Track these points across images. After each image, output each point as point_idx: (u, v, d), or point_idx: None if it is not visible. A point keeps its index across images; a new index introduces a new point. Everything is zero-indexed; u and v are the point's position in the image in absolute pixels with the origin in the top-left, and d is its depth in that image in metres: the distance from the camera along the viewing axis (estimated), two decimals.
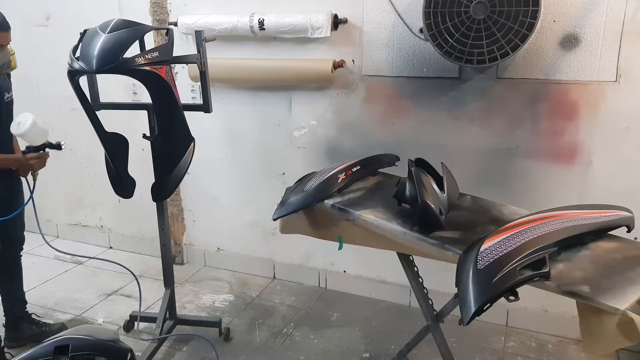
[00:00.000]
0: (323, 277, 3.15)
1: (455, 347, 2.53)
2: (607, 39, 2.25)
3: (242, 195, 3.22)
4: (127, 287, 3.19)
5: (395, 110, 2.70)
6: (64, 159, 3.68)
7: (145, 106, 2.30)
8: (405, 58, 2.59)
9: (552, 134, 2.44)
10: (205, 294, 3.13)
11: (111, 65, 1.90)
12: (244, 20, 2.72)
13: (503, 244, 1.46)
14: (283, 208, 2.00)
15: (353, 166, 2.12)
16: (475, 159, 2.58)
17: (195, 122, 2.33)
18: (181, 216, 3.45)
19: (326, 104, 2.83)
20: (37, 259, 3.50)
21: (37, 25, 3.45)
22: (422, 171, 1.82)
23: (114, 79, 2.10)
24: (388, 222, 1.79)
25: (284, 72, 2.79)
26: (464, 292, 1.42)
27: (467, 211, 1.92)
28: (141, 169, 2.41)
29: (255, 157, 3.10)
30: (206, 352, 2.55)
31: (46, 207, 3.88)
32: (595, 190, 2.41)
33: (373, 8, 2.59)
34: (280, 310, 2.95)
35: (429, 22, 2.23)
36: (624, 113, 2.30)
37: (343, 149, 2.85)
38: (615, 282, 1.40)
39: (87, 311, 2.95)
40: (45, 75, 3.53)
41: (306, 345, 2.62)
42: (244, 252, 3.33)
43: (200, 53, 2.20)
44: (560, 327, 2.61)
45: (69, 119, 3.49)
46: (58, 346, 1.32)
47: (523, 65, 2.40)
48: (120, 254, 3.63)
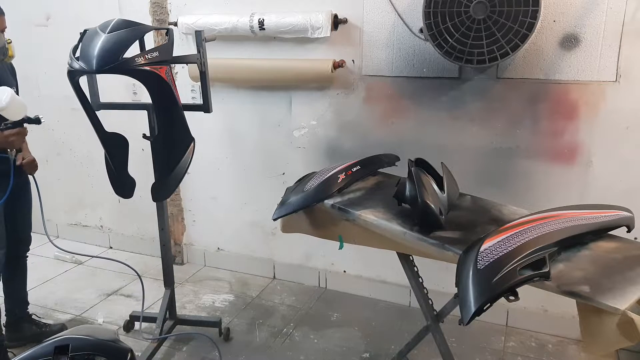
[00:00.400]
0: (323, 277, 3.15)
1: (455, 347, 2.53)
2: (607, 39, 2.25)
3: (242, 195, 3.22)
4: (127, 287, 3.20)
5: (395, 110, 2.70)
6: (64, 159, 3.69)
7: (145, 106, 2.30)
8: (405, 58, 2.59)
9: (552, 134, 2.44)
10: (205, 294, 3.13)
11: (111, 65, 1.89)
12: (244, 20, 2.72)
13: (503, 244, 1.46)
14: (283, 208, 2.00)
15: (353, 166, 2.12)
16: (475, 159, 2.58)
17: (195, 122, 2.32)
18: (181, 216, 3.45)
19: (326, 104, 2.83)
20: (37, 259, 3.49)
21: (37, 25, 3.45)
22: (422, 171, 1.82)
23: (114, 79, 2.10)
24: (388, 222, 1.79)
25: (284, 72, 2.79)
26: (464, 292, 1.42)
27: (467, 211, 1.92)
28: (141, 169, 2.41)
29: (255, 157, 3.10)
30: (206, 352, 2.55)
31: (46, 207, 3.82)
32: (595, 190, 2.41)
33: (373, 8, 2.59)
34: (280, 310, 2.95)
35: (429, 22, 2.23)
36: (624, 113, 2.30)
37: (343, 149, 2.85)
38: (615, 282, 1.40)
39: (87, 311, 2.95)
40: (45, 75, 3.53)
41: (306, 345, 2.62)
42: (244, 252, 3.33)
43: (200, 53, 2.20)
44: (560, 327, 2.61)
45: (69, 119, 3.49)
46: (58, 346, 1.33)
47: (523, 65, 2.40)
48: (120, 254, 3.62)
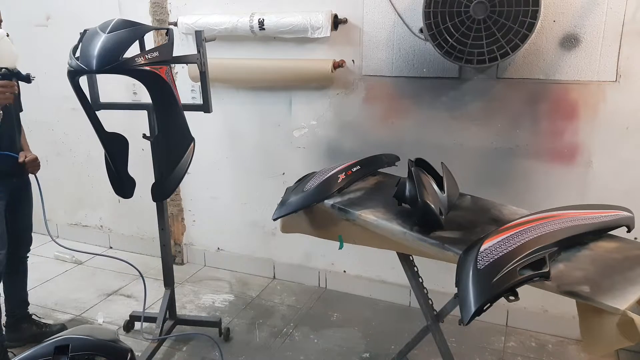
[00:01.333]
0: (323, 277, 3.15)
1: (455, 347, 2.53)
2: (607, 39, 2.25)
3: (242, 195, 3.22)
4: (127, 287, 3.20)
5: (395, 110, 2.70)
6: (64, 159, 3.69)
7: (145, 106, 2.30)
8: (405, 58, 2.59)
9: (552, 134, 2.44)
10: (205, 294, 3.13)
11: (111, 65, 1.89)
12: (244, 20, 2.72)
13: (503, 244, 1.46)
14: (283, 208, 2.00)
15: (353, 166, 2.12)
16: (475, 159, 2.58)
17: (195, 122, 2.32)
18: (181, 216, 3.45)
19: (326, 104, 2.83)
20: (37, 259, 3.50)
21: (37, 25, 3.45)
22: (422, 171, 1.82)
23: (114, 79, 2.10)
24: (388, 222, 1.79)
25: (284, 72, 2.79)
26: (464, 292, 1.42)
27: (467, 211, 1.92)
28: (141, 169, 2.41)
29: (255, 157, 3.10)
30: (206, 352, 2.55)
31: (46, 207, 3.87)
32: (595, 190, 2.41)
33: (373, 8, 2.59)
34: (280, 310, 2.95)
35: (429, 22, 2.23)
36: (624, 113, 2.30)
37: (343, 149, 2.85)
38: (615, 282, 1.40)
39: (87, 311, 2.95)
40: (45, 75, 3.52)
41: (306, 345, 2.62)
42: (244, 252, 3.33)
43: (200, 53, 2.20)
44: (560, 327, 2.61)
45: (69, 119, 3.49)
46: (58, 346, 1.33)
47: (523, 65, 2.40)
48: (120, 254, 3.61)
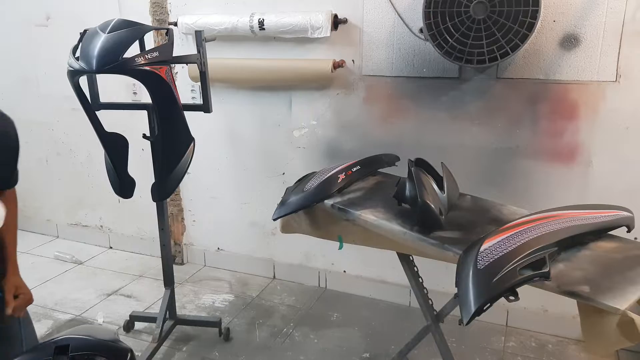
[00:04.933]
0: (323, 277, 3.15)
1: (455, 347, 2.53)
2: (607, 39, 2.25)
3: (242, 195, 3.22)
4: (127, 287, 3.19)
5: (395, 110, 2.70)
6: (64, 159, 3.69)
7: (145, 106, 2.30)
8: (405, 58, 2.59)
9: (552, 134, 2.44)
10: (205, 294, 3.13)
11: (111, 65, 1.89)
12: (244, 20, 2.72)
13: (503, 244, 1.46)
14: (283, 208, 2.00)
15: (353, 166, 2.12)
16: (475, 159, 2.58)
17: (195, 122, 2.32)
18: (181, 216, 3.45)
19: (326, 104, 2.83)
20: (37, 259, 3.50)
21: (37, 25, 3.44)
22: (422, 171, 1.82)
23: (114, 79, 2.10)
24: (388, 222, 1.79)
25: (284, 72, 2.79)
26: (464, 292, 1.42)
27: (467, 211, 1.92)
28: (141, 169, 2.41)
29: (255, 157, 3.10)
30: (206, 352, 2.55)
31: (46, 207, 3.88)
32: (595, 190, 2.41)
33: (373, 8, 2.59)
34: (280, 310, 2.95)
35: (429, 22, 2.23)
36: (624, 113, 2.30)
37: (343, 149, 2.85)
38: (615, 282, 1.40)
39: (87, 311, 2.95)
40: (45, 75, 3.53)
41: (306, 345, 2.62)
42: (244, 252, 3.33)
43: (200, 53, 2.20)
44: (560, 327, 2.61)
45: (69, 119, 3.49)
46: (58, 346, 1.32)
47: (523, 65, 2.40)
48: (120, 254, 3.63)
